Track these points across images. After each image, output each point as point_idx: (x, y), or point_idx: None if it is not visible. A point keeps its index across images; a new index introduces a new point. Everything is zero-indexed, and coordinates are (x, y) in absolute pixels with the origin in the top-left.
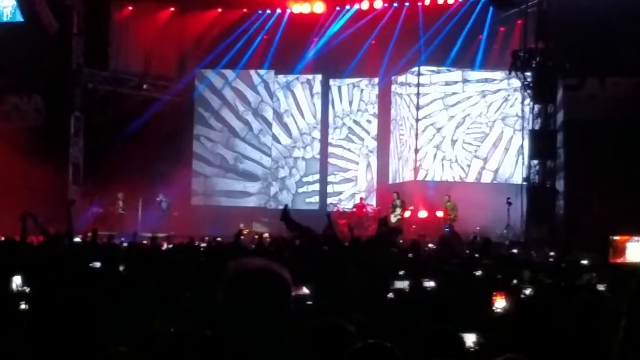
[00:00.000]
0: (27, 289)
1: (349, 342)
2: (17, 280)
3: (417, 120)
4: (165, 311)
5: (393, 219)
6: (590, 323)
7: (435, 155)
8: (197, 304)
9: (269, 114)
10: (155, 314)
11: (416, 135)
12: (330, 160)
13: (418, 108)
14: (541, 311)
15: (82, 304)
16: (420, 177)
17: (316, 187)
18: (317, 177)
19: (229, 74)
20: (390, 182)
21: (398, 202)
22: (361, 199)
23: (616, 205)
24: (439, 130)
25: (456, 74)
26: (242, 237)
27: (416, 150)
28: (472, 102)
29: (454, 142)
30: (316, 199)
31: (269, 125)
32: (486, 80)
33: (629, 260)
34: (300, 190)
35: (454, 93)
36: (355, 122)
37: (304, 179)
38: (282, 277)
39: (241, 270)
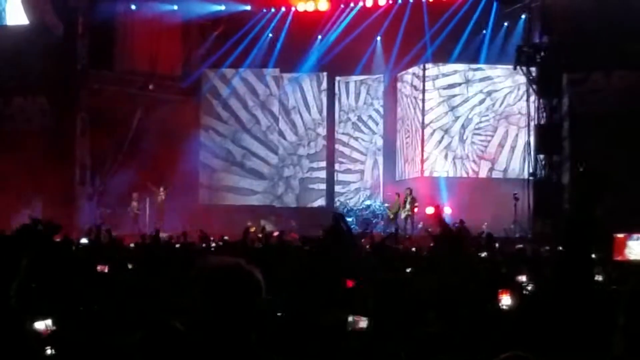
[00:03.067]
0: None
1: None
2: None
3: (424, 125)
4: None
5: (402, 214)
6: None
7: (445, 155)
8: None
9: (276, 109)
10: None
11: (422, 139)
12: (336, 146)
13: (424, 113)
14: (543, 307)
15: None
16: (426, 174)
17: (322, 174)
18: (323, 164)
19: (236, 72)
20: (397, 178)
21: (409, 198)
22: None
23: (622, 199)
24: (446, 131)
25: (459, 75)
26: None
27: (422, 156)
28: (477, 100)
29: (462, 141)
30: (322, 186)
31: (276, 120)
32: (490, 78)
33: (630, 258)
34: (305, 175)
35: (458, 94)
36: (361, 117)
37: (311, 165)
38: (250, 275)
39: (208, 269)
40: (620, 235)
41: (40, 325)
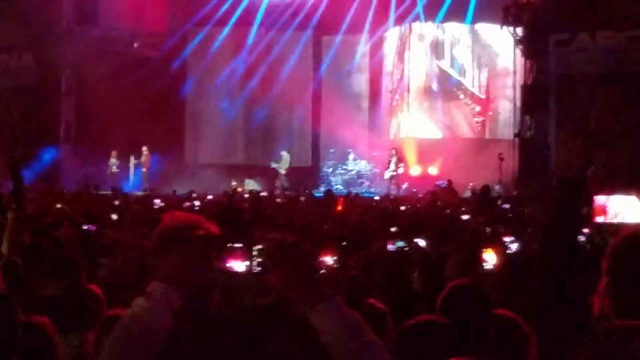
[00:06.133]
0: None
1: None
2: None
3: (409, 84)
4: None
5: (387, 175)
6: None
7: (431, 115)
8: None
9: (262, 67)
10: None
11: (408, 99)
12: (322, 105)
13: (410, 72)
14: (527, 267)
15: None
16: (411, 135)
17: (308, 133)
18: (309, 123)
19: (221, 30)
20: (383, 139)
21: (394, 158)
22: None
23: (608, 159)
24: (432, 91)
25: (447, 34)
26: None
27: (408, 116)
28: (464, 59)
29: (448, 101)
30: (307, 146)
31: (262, 78)
32: (477, 37)
33: (611, 220)
34: (291, 134)
35: (445, 53)
36: (346, 77)
37: (297, 124)
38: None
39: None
40: (600, 196)
41: None
